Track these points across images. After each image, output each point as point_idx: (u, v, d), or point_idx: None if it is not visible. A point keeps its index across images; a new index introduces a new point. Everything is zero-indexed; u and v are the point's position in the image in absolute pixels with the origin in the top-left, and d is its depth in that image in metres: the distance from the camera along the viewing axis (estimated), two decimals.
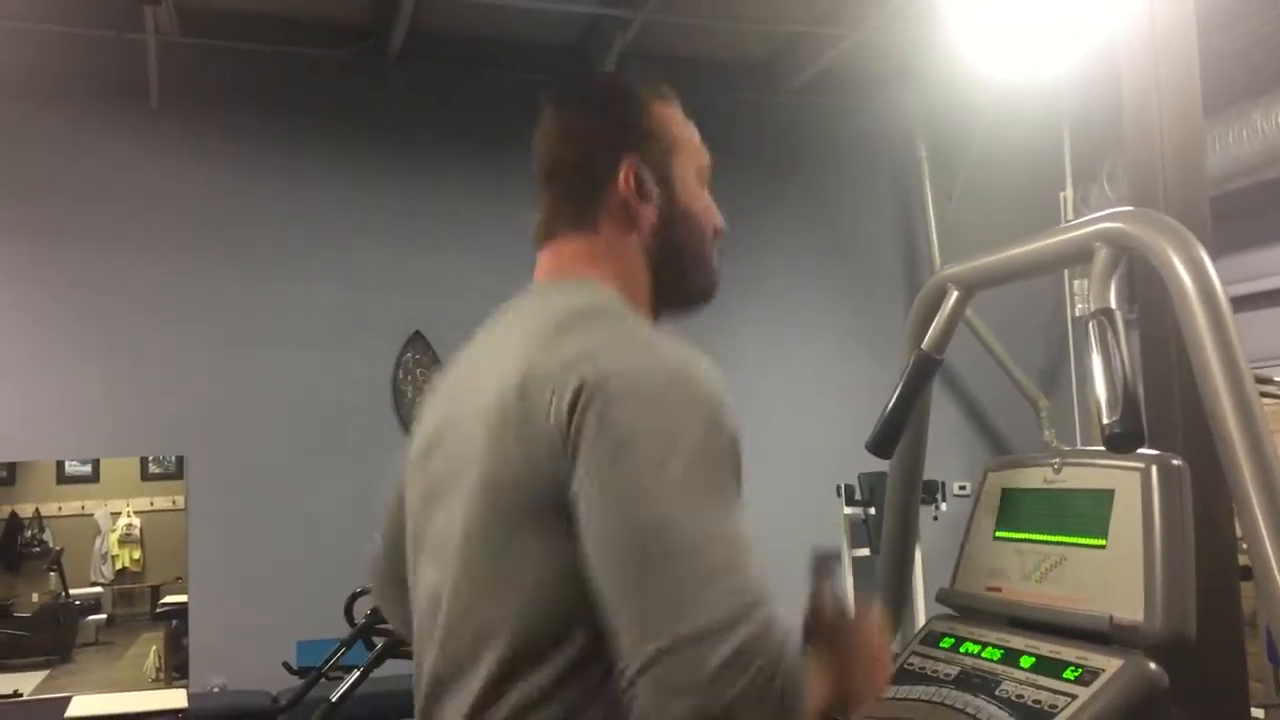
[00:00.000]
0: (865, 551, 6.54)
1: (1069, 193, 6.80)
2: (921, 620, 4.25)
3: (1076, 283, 6.90)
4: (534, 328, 1.14)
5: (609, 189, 1.23)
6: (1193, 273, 1.25)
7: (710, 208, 1.30)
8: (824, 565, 1.31)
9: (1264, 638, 4.86)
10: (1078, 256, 1.39)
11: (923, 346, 1.59)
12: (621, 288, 1.21)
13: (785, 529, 6.79)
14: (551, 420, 1.04)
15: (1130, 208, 1.45)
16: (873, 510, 6.35)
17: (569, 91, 1.32)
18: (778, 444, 6.95)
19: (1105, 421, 1.24)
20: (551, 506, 1.04)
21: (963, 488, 6.78)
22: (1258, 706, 4.27)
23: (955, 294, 1.59)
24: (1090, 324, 1.29)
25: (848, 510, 6.60)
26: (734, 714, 0.92)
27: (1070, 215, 6.63)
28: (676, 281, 1.27)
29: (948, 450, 6.45)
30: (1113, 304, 1.29)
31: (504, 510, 1.08)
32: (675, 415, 1.02)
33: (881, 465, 1.79)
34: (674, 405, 1.03)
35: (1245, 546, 2.97)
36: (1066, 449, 2.62)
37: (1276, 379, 5.24)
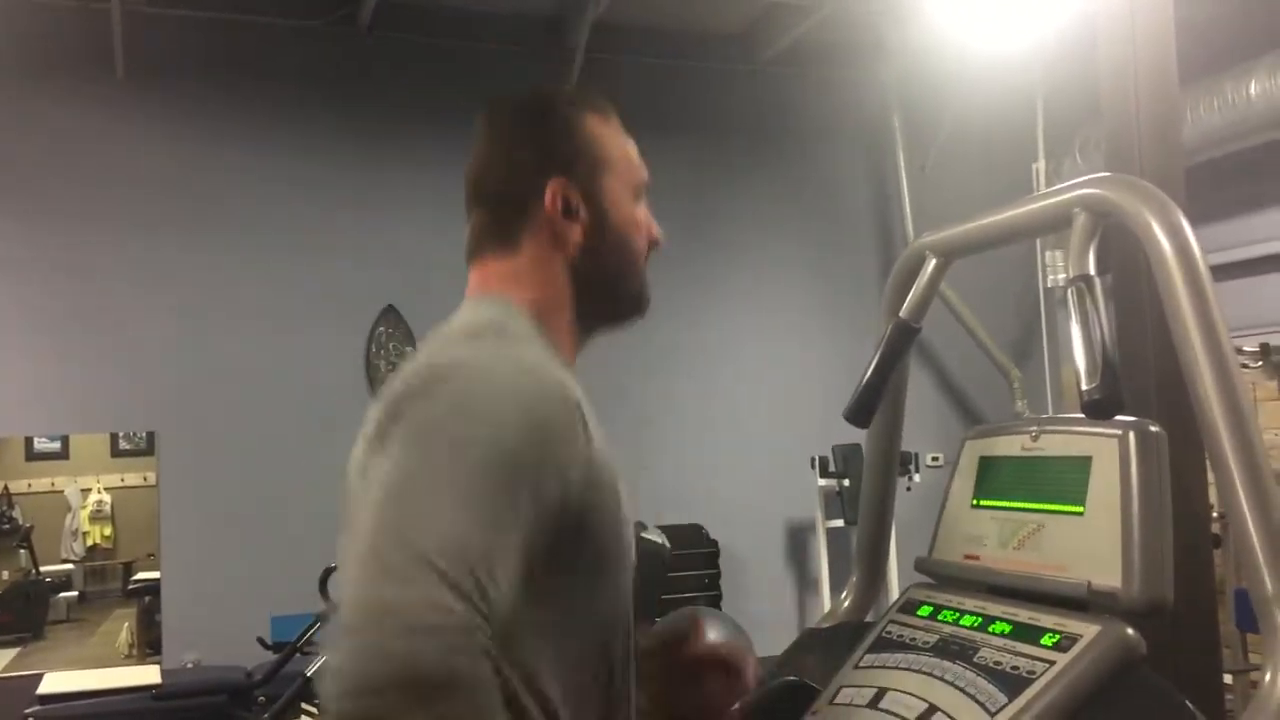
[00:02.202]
0: (839, 523, 6.59)
1: (1041, 164, 6.84)
2: (894, 590, 4.26)
3: (1049, 254, 6.94)
4: (435, 344, 1.17)
5: (535, 210, 1.24)
6: (1172, 238, 1.25)
7: (644, 223, 1.30)
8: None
9: (1232, 605, 4.94)
10: (1057, 223, 1.39)
11: (900, 314, 1.59)
12: (538, 308, 1.22)
13: (760, 500, 6.90)
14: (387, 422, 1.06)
15: (1109, 174, 1.45)
16: (846, 482, 6.39)
17: (501, 109, 1.31)
18: (752, 415, 6.98)
19: (1084, 388, 1.24)
20: None
21: (935, 459, 6.82)
22: (1226, 671, 4.33)
23: (933, 261, 1.58)
24: (1069, 290, 1.28)
25: (822, 482, 6.64)
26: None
27: (1042, 187, 6.65)
28: (604, 300, 1.28)
29: (921, 421, 6.45)
30: (1092, 270, 1.29)
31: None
32: (485, 428, 1.00)
33: (856, 437, 1.79)
34: (492, 418, 1.01)
35: (1216, 515, 3.00)
36: (1044, 416, 2.63)
37: (1246, 349, 5.31)
